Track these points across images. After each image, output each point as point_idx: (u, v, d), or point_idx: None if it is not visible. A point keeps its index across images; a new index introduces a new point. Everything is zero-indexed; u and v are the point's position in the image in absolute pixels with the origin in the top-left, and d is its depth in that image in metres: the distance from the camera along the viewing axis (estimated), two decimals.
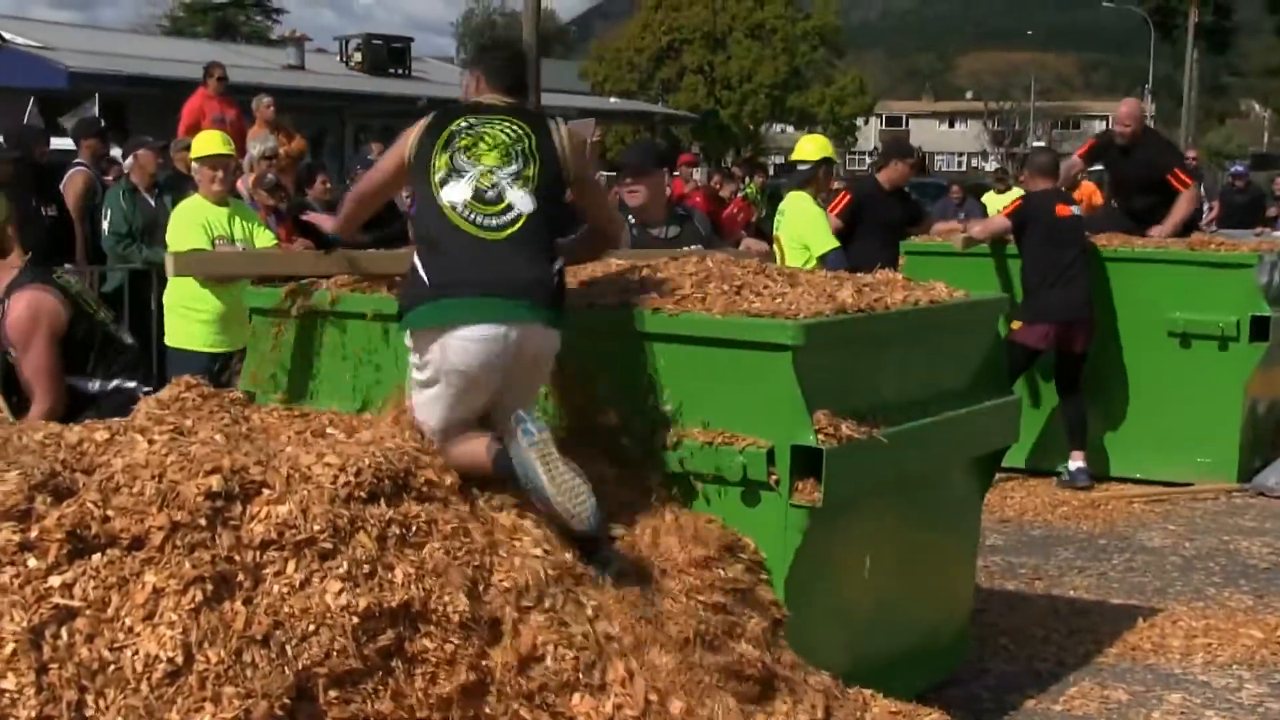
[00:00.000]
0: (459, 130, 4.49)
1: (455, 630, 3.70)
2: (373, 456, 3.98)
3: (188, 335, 7.85)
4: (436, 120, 4.59)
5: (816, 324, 4.54)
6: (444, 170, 4.40)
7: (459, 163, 4.41)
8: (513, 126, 4.53)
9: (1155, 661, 5.97)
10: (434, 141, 4.48)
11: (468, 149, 4.44)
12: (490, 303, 4.21)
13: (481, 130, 4.49)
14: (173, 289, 7.92)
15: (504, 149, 4.45)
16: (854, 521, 4.87)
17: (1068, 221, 9.23)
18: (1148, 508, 8.78)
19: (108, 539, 3.39)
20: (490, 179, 4.37)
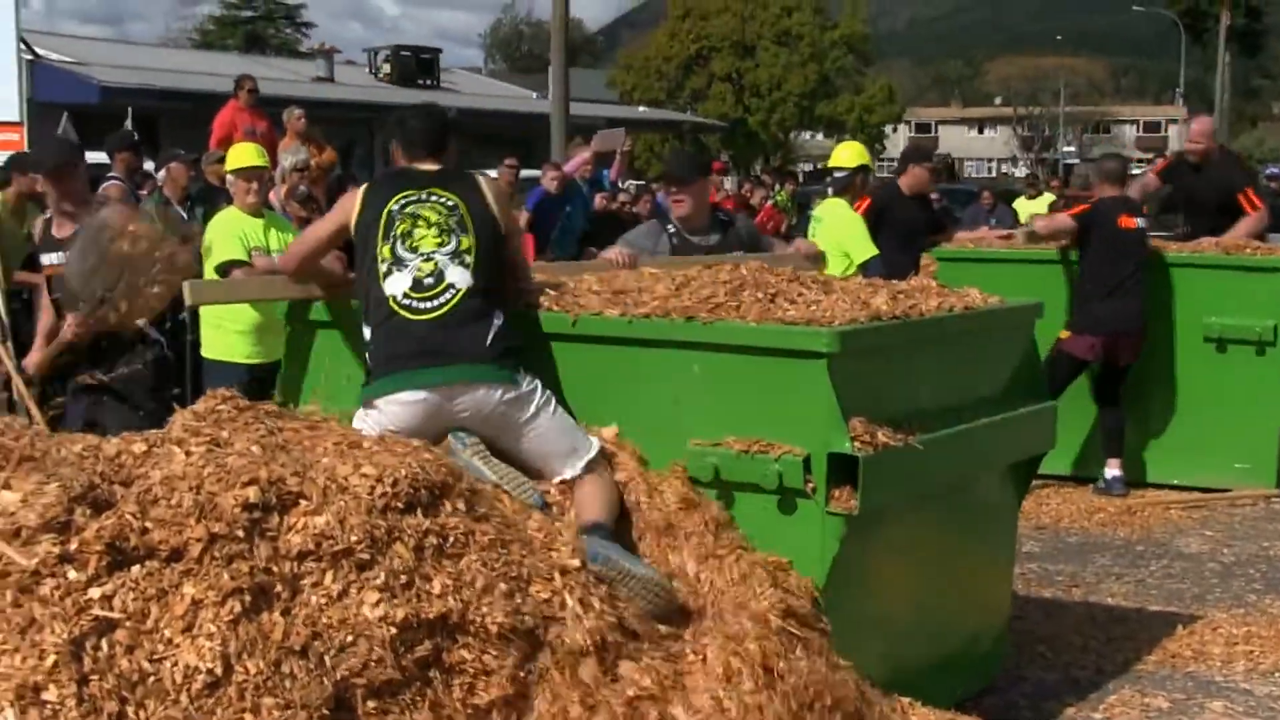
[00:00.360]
0: (396, 212, 4.82)
1: (493, 641, 3.70)
2: (409, 467, 3.97)
3: (224, 347, 7.84)
4: (373, 196, 4.92)
5: (851, 331, 4.53)
6: (387, 262, 4.75)
7: (400, 252, 4.75)
8: (444, 199, 4.86)
9: (1196, 669, 5.93)
10: (376, 222, 4.82)
11: (406, 235, 4.76)
12: (413, 375, 4.62)
13: (417, 211, 4.81)
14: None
15: (439, 227, 4.78)
16: (890, 529, 4.85)
17: (1131, 233, 9.09)
18: (1185, 514, 8.73)
19: (146, 551, 3.40)
20: (430, 265, 4.71)
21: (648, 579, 4.23)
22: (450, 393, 4.59)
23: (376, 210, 4.84)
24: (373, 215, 4.84)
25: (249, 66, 22.35)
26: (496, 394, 4.60)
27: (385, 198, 4.87)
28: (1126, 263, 9.03)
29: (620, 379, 4.80)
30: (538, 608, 3.87)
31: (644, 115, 44.16)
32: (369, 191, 4.96)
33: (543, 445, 4.63)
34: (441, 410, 4.61)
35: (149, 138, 18.59)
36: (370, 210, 4.86)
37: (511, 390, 4.62)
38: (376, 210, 4.84)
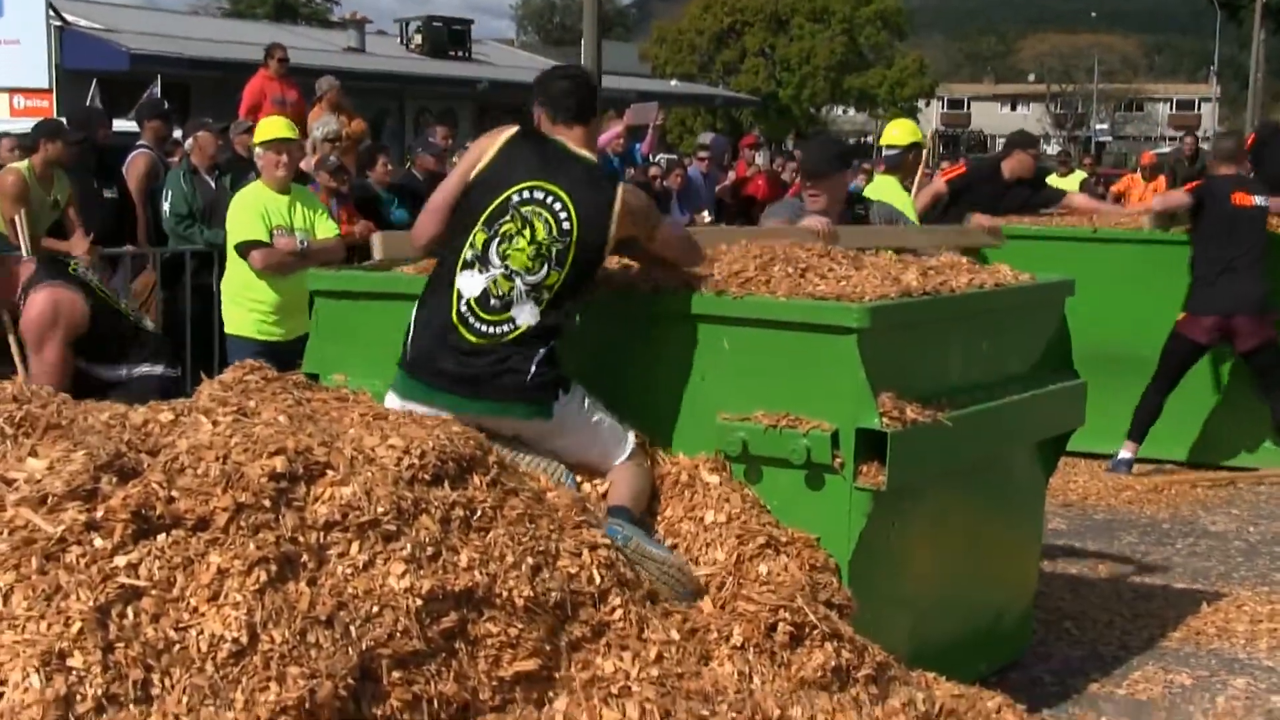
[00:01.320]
0: (514, 204, 4.57)
1: (520, 615, 3.70)
2: (437, 439, 3.98)
3: (247, 324, 7.78)
4: (509, 158, 4.63)
5: (881, 307, 4.52)
6: (474, 252, 4.56)
7: (490, 253, 4.54)
8: (565, 212, 4.56)
9: (1219, 646, 5.91)
10: (492, 196, 4.58)
11: (507, 237, 4.54)
12: (442, 395, 4.52)
13: (531, 217, 4.55)
14: (231, 277, 7.88)
15: (539, 248, 4.53)
16: (918, 505, 4.84)
17: (1245, 211, 8.90)
18: (1211, 492, 8.70)
19: (173, 519, 3.40)
20: (506, 286, 4.52)
21: (667, 562, 4.24)
22: (475, 420, 4.45)
23: (501, 182, 4.60)
24: (495, 183, 4.60)
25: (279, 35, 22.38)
26: (523, 425, 4.55)
27: (515, 172, 4.60)
28: (1240, 242, 8.83)
29: (649, 353, 4.79)
30: (565, 583, 3.87)
31: (676, 89, 44.01)
32: (509, 146, 4.66)
33: (580, 452, 4.61)
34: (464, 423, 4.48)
35: (179, 106, 18.62)
36: (497, 173, 4.61)
37: (543, 422, 4.55)
38: (501, 182, 4.60)
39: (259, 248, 7.56)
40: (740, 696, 3.86)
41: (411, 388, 4.58)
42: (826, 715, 3.92)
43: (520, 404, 4.52)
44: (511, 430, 4.54)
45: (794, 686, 3.99)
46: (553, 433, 4.57)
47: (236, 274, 7.79)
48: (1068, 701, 5.35)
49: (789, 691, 3.95)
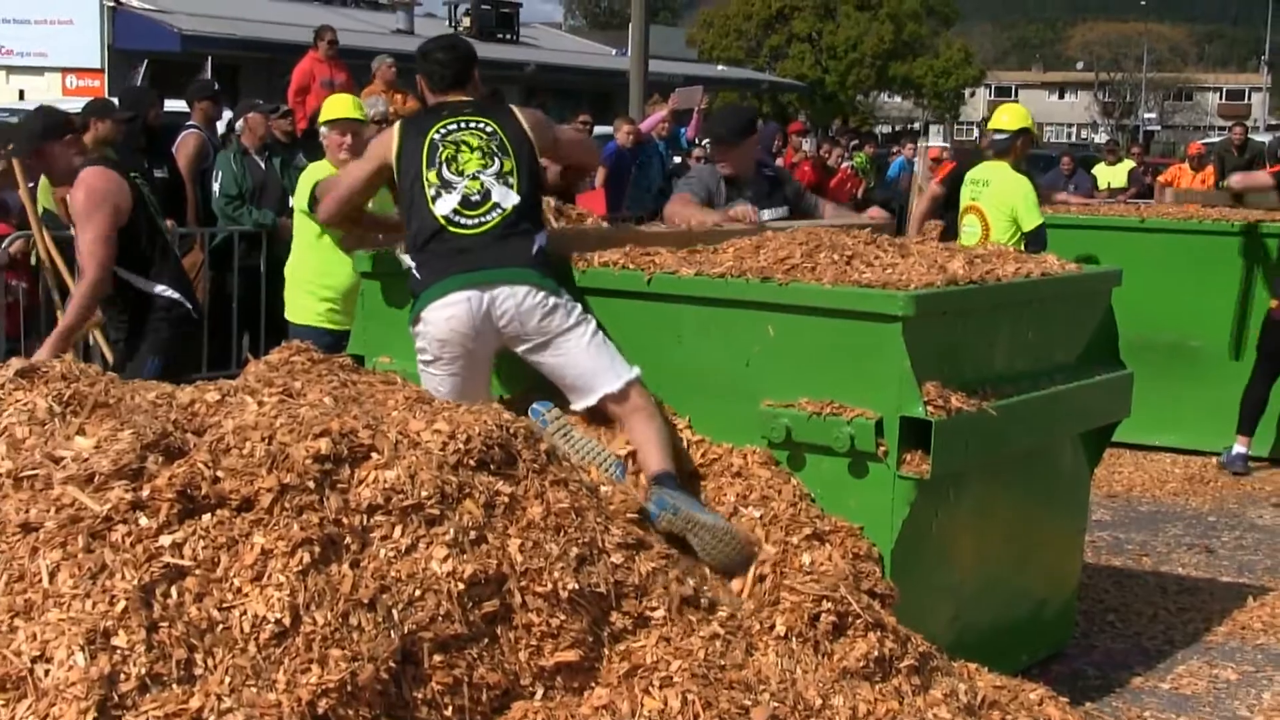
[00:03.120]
0: (438, 140, 4.96)
1: (563, 606, 3.69)
2: (484, 425, 3.96)
3: (310, 312, 7.53)
4: (411, 129, 5.05)
5: (927, 295, 4.49)
6: (435, 186, 4.90)
7: (446, 175, 4.90)
8: (482, 124, 5.02)
9: (1265, 641, 5.86)
10: (419, 151, 4.95)
11: (450, 160, 4.92)
12: (456, 279, 4.78)
13: (459, 138, 4.96)
14: (301, 263, 7.62)
15: (482, 150, 4.95)
16: (961, 494, 4.82)
17: None
18: (1258, 485, 8.62)
19: (217, 499, 3.42)
20: (476, 185, 4.88)
21: (717, 527, 4.27)
22: (492, 292, 4.75)
23: (417, 141, 4.97)
24: (414, 145, 4.97)
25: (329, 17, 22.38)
26: (538, 297, 4.75)
27: (425, 128, 5.00)
28: None
29: (693, 338, 4.79)
30: (609, 574, 3.86)
31: (722, 74, 43.87)
32: (406, 125, 5.10)
33: (583, 358, 4.75)
34: (483, 312, 4.76)
35: (230, 87, 18.69)
36: (411, 141, 4.99)
37: (552, 297, 4.76)
38: (417, 141, 4.97)
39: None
40: (783, 686, 3.85)
41: (429, 293, 4.82)
42: (869, 705, 3.91)
43: (531, 270, 4.78)
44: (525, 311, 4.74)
45: (836, 676, 3.97)
46: (560, 320, 4.76)
47: (307, 259, 7.52)
48: (1111, 695, 5.32)
49: (831, 681, 3.94)
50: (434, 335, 4.81)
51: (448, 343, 4.80)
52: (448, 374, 4.85)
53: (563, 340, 4.76)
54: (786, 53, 58.67)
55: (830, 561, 4.33)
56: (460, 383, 4.86)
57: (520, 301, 4.74)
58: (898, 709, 3.94)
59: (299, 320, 7.58)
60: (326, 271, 7.38)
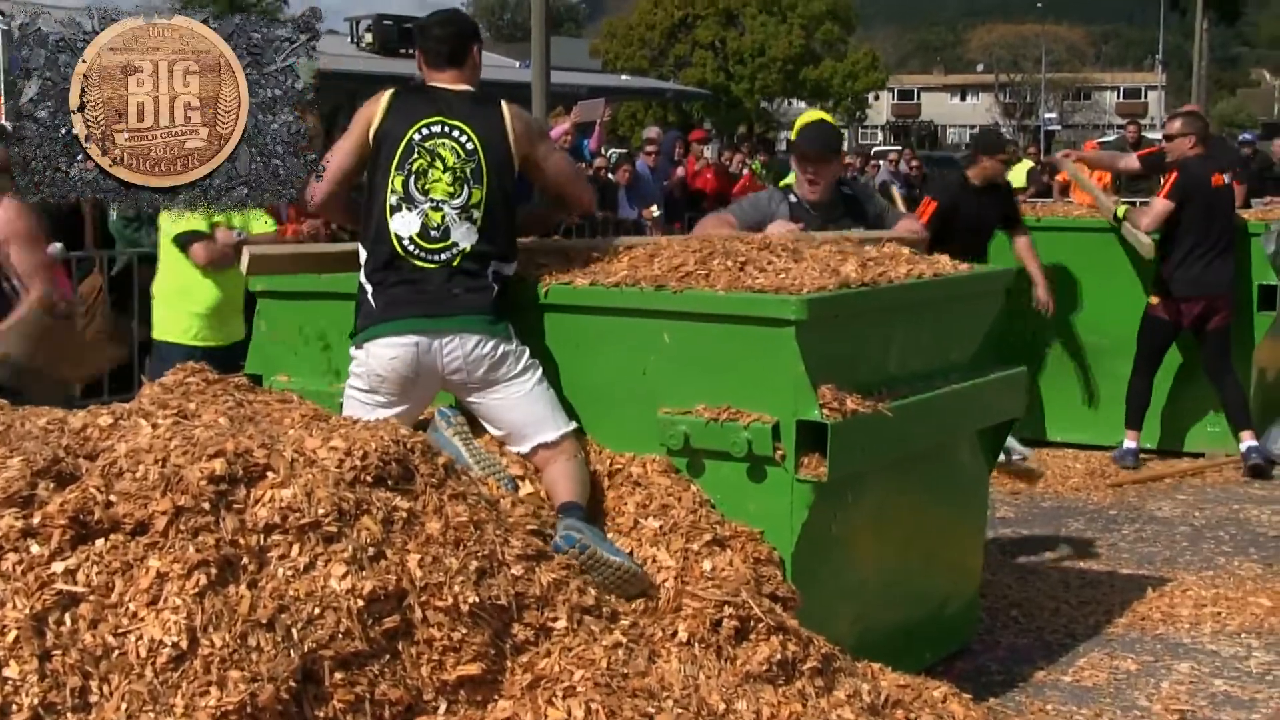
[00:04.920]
0: (416, 142, 4.76)
1: (464, 619, 3.69)
2: (380, 441, 3.95)
3: (179, 328, 7.40)
4: (397, 110, 4.83)
5: (819, 299, 4.54)
6: (398, 196, 4.73)
7: (411, 190, 4.73)
8: (465, 137, 4.79)
9: (1164, 631, 5.97)
10: (395, 144, 4.76)
11: (420, 174, 4.73)
12: (407, 322, 4.65)
13: (436, 149, 4.76)
14: (167, 278, 7.50)
15: (454, 174, 4.75)
16: (860, 495, 4.87)
17: (1220, 190, 8.92)
18: (1157, 477, 8.76)
19: (111, 524, 3.39)
20: (438, 216, 4.71)
21: (621, 567, 4.24)
22: (441, 339, 4.63)
23: (398, 131, 4.78)
24: (394, 134, 4.79)
25: None
26: (487, 346, 4.65)
27: (409, 119, 4.80)
28: (1217, 221, 8.86)
29: (590, 348, 4.81)
30: (511, 588, 3.86)
31: (626, 83, 43.93)
32: (394, 101, 4.87)
33: (522, 406, 4.67)
34: (429, 357, 4.65)
35: None
36: (393, 125, 4.80)
37: (502, 345, 4.66)
38: (398, 131, 4.78)
39: (200, 239, 7.24)
40: (686, 693, 3.86)
41: (376, 329, 4.68)
42: (772, 708, 3.94)
43: (486, 317, 4.66)
44: (474, 359, 4.63)
45: (740, 680, 3.99)
46: (508, 368, 4.66)
47: (174, 274, 7.44)
48: (1014, 689, 5.39)
49: (735, 686, 3.96)
50: (373, 369, 4.69)
51: (386, 379, 4.69)
52: (377, 405, 4.70)
53: (505, 388, 4.68)
54: (690, 61, 58.89)
55: (731, 567, 4.36)
56: (389, 415, 4.66)
57: (469, 352, 4.64)
58: (801, 711, 3.97)
59: (167, 338, 7.47)
60: (192, 288, 7.33)
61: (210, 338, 7.36)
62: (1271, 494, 8.40)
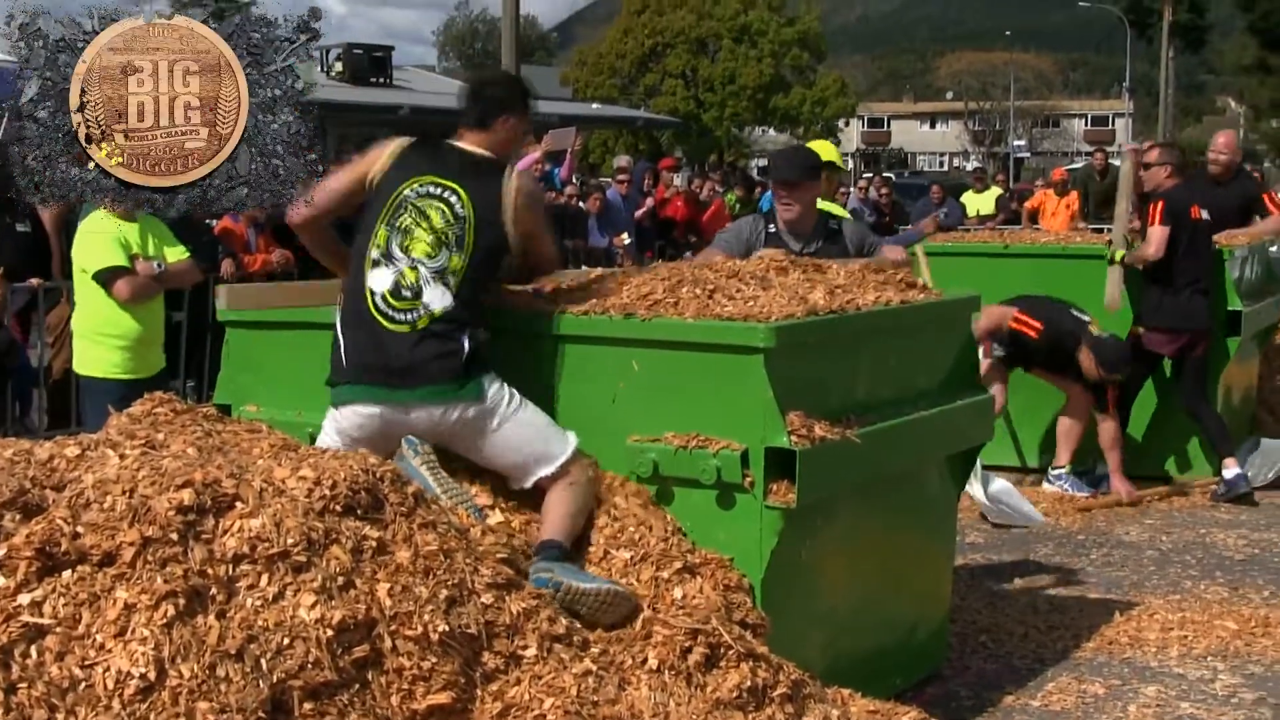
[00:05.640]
0: (408, 198, 4.73)
1: (434, 649, 3.69)
2: (350, 470, 3.95)
3: (101, 362, 7.31)
4: (401, 161, 4.81)
5: (787, 326, 4.56)
6: (379, 250, 4.69)
7: (393, 248, 4.69)
8: (458, 202, 4.73)
9: (1131, 655, 6.00)
10: (388, 196, 4.75)
11: (405, 231, 4.69)
12: (372, 390, 4.62)
13: (425, 208, 4.71)
14: (87, 313, 7.39)
15: (438, 237, 4.68)
16: (830, 522, 4.89)
17: (1200, 224, 8.94)
18: (1125, 503, 8.80)
19: (78, 555, 3.39)
20: (412, 275, 4.65)
21: (601, 592, 4.22)
22: (406, 410, 4.60)
23: (395, 182, 4.76)
24: (390, 184, 4.77)
25: None
26: (455, 412, 4.60)
27: (407, 173, 4.77)
28: (1195, 253, 8.88)
29: (559, 376, 4.82)
30: (481, 617, 3.85)
31: (597, 112, 44.04)
32: (401, 152, 4.84)
33: (511, 452, 4.63)
34: (396, 423, 4.61)
35: None
36: (392, 175, 4.78)
37: (473, 407, 4.60)
38: (395, 182, 4.76)
39: (122, 275, 7.15)
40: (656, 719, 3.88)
41: (347, 392, 4.67)
42: None
43: (452, 384, 4.58)
44: (444, 425, 4.59)
45: (710, 707, 4.00)
46: (485, 423, 4.60)
47: (93, 309, 7.30)
48: (983, 715, 5.41)
49: (705, 713, 3.97)
50: (345, 430, 4.68)
51: (359, 440, 4.63)
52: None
53: (491, 437, 4.63)
54: (661, 89, 59.09)
55: (702, 594, 4.37)
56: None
57: (438, 420, 4.60)
58: None
59: (90, 372, 7.37)
60: (117, 320, 7.26)
61: (134, 370, 7.29)
62: (1237, 518, 8.45)
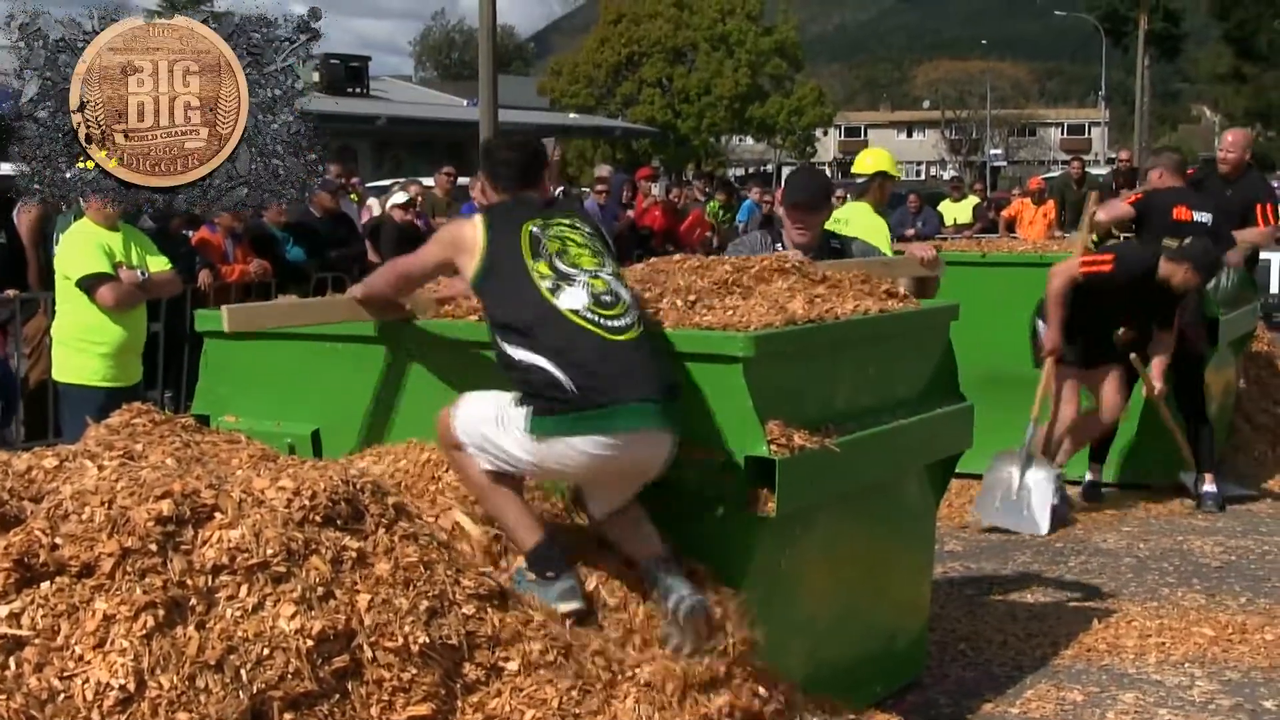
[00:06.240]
0: (539, 232, 4.46)
1: (414, 660, 3.69)
2: (329, 481, 3.94)
3: (83, 370, 7.31)
4: (500, 222, 4.52)
5: (767, 335, 4.57)
6: (549, 279, 4.34)
7: (561, 267, 4.37)
8: (577, 223, 4.58)
9: (1110, 662, 6.02)
10: (516, 244, 4.42)
11: (561, 253, 4.41)
12: (621, 410, 4.18)
13: (561, 233, 4.48)
14: (69, 320, 7.40)
15: (590, 249, 4.47)
16: (809, 531, 4.90)
17: (1187, 226, 8.84)
18: (1103, 510, 8.83)
19: (56, 567, 3.38)
20: (600, 283, 4.37)
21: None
22: (636, 440, 4.23)
23: (512, 233, 4.45)
24: (509, 239, 4.44)
25: None
26: (665, 450, 4.33)
27: (518, 221, 4.50)
28: None
29: None
30: (463, 628, 3.85)
31: (574, 121, 44.17)
32: (492, 216, 4.58)
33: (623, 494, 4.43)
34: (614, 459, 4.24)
35: None
36: (503, 235, 4.46)
37: (669, 450, 4.35)
38: (512, 233, 4.45)
39: (106, 282, 7.17)
40: None
41: (581, 421, 4.18)
42: None
43: (675, 409, 4.33)
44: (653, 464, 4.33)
45: None
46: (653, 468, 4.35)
47: (74, 315, 7.35)
48: None
49: None
50: (550, 465, 4.29)
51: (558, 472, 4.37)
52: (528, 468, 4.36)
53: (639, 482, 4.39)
54: (638, 99, 59.16)
55: None
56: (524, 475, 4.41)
57: (656, 454, 4.31)
58: None
59: (70, 380, 7.37)
60: (100, 328, 7.28)
61: (115, 378, 7.31)
62: (1214, 525, 8.48)
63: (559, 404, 4.18)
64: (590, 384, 4.17)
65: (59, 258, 7.53)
